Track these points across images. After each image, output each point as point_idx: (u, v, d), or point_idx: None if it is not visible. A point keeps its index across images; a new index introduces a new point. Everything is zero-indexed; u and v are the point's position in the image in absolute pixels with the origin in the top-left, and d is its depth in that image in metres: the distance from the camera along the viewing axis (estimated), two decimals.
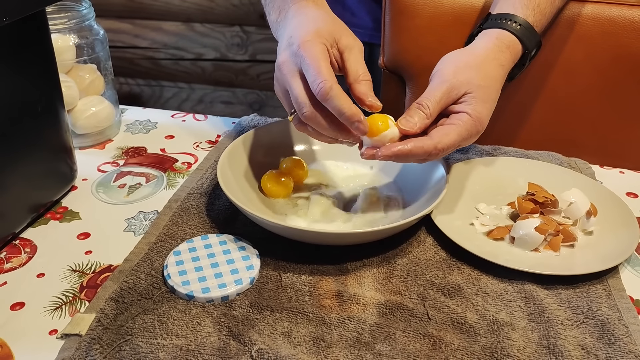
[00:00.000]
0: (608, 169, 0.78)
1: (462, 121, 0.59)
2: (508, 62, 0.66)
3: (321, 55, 0.57)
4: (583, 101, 0.84)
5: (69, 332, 0.50)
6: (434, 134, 0.58)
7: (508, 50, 0.66)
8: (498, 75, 0.64)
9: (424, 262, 0.59)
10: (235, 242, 0.60)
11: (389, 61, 0.89)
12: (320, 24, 0.60)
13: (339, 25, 0.62)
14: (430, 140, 0.58)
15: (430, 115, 0.59)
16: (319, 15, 0.62)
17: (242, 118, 0.86)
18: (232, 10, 1.75)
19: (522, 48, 0.67)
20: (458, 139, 0.58)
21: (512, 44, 0.67)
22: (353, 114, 0.56)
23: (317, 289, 0.55)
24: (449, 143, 0.58)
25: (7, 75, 0.58)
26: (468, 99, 0.60)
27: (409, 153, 0.57)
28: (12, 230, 0.62)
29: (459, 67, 0.62)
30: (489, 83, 0.62)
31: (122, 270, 0.57)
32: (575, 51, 0.81)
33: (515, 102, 0.87)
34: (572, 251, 0.61)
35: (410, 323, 0.52)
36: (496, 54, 0.65)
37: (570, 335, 0.51)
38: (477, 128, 0.60)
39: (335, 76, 0.57)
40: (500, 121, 0.88)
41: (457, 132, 0.58)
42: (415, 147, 0.57)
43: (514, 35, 0.67)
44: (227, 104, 1.92)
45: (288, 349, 0.49)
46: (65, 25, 0.76)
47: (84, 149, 0.80)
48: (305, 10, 0.64)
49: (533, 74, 0.84)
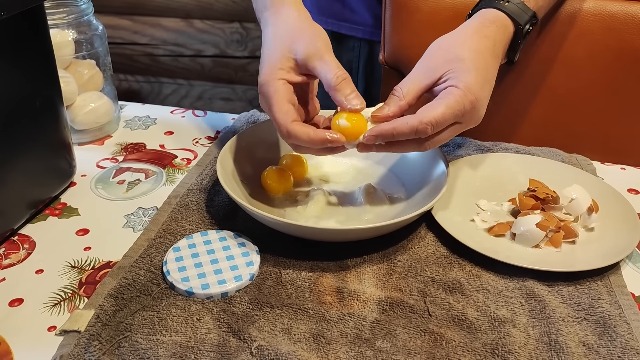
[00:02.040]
0: (609, 165, 0.78)
1: (448, 93, 0.56)
2: (495, 35, 0.63)
3: (274, 97, 0.58)
4: (584, 97, 0.84)
5: (68, 328, 0.50)
6: (419, 111, 0.57)
7: (493, 25, 0.63)
8: (482, 45, 0.61)
9: (424, 259, 0.59)
10: (235, 239, 0.60)
11: (390, 57, 0.89)
12: (277, 48, 0.60)
13: (294, 35, 0.61)
14: (415, 116, 0.56)
15: (404, 96, 0.58)
16: (278, 30, 0.62)
17: (242, 114, 0.86)
18: (231, 6, 1.75)
19: (513, 23, 0.64)
20: (448, 111, 0.55)
21: (498, 19, 0.64)
22: (319, 141, 0.57)
23: (317, 285, 0.55)
24: (436, 116, 0.55)
25: (5, 71, 0.58)
26: (450, 74, 0.58)
27: (392, 131, 0.56)
28: (10, 226, 0.62)
29: (438, 49, 0.61)
30: (473, 55, 0.59)
31: (121, 266, 0.57)
32: (576, 47, 0.81)
33: (517, 98, 0.87)
34: (573, 247, 0.61)
35: (411, 319, 0.52)
36: (479, 29, 0.63)
37: (572, 332, 0.51)
38: (470, 98, 0.56)
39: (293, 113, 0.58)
40: (501, 117, 0.88)
41: (445, 104, 0.56)
42: (398, 124, 0.56)
43: (500, 11, 0.64)
44: (227, 100, 1.92)
45: (288, 346, 0.49)
46: (64, 21, 0.76)
47: (82, 145, 0.80)
48: (270, 24, 0.64)
49: (534, 69, 0.84)
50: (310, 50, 0.59)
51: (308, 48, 0.59)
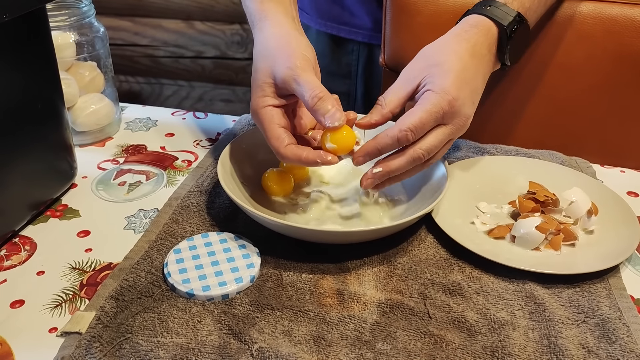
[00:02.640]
0: (609, 168, 0.78)
1: (424, 99, 0.58)
2: (476, 37, 0.63)
3: (265, 124, 0.60)
4: (584, 100, 0.84)
5: (69, 330, 0.50)
6: (398, 120, 0.58)
7: (474, 28, 0.64)
8: (460, 47, 0.62)
9: (424, 261, 0.59)
10: (236, 241, 0.60)
11: (390, 59, 0.89)
12: (258, 73, 0.61)
13: (271, 58, 0.61)
14: (394, 126, 0.57)
15: (386, 104, 0.59)
16: (259, 52, 0.63)
17: (243, 116, 0.86)
18: (232, 8, 1.75)
19: (496, 25, 0.64)
20: (424, 115, 0.56)
21: (479, 22, 0.64)
22: (314, 161, 0.58)
23: (317, 287, 0.55)
24: (413, 121, 0.56)
25: (7, 73, 0.58)
26: (427, 79, 0.59)
27: (376, 145, 0.58)
28: (12, 227, 0.62)
29: (418, 58, 0.62)
30: (448, 58, 0.60)
31: (122, 268, 0.57)
32: (576, 50, 0.81)
33: (517, 100, 0.87)
34: (573, 250, 0.61)
35: (411, 322, 0.52)
36: (458, 34, 0.63)
37: (571, 335, 0.51)
38: (447, 99, 0.57)
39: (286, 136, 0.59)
40: (501, 119, 0.88)
41: (421, 108, 0.57)
42: (379, 138, 0.58)
43: (481, 15, 0.65)
44: (227, 102, 1.92)
45: (288, 348, 0.49)
46: (65, 23, 0.76)
47: (84, 147, 0.80)
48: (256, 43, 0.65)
49: (535, 72, 0.84)
50: (285, 73, 0.59)
51: (283, 71, 0.59)
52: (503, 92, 0.86)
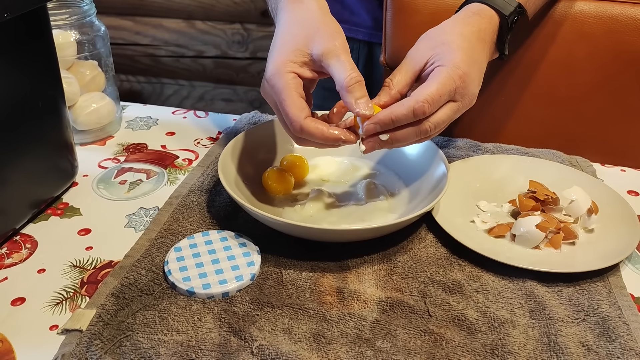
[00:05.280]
0: (609, 167, 0.78)
1: (437, 72, 0.57)
2: (480, 23, 0.63)
3: (287, 90, 0.56)
4: (585, 99, 0.84)
5: (70, 327, 0.50)
6: (413, 92, 0.57)
7: (477, 15, 0.64)
8: (466, 30, 0.62)
9: (424, 259, 0.59)
10: (236, 239, 0.60)
11: (390, 58, 0.89)
12: (291, 39, 0.59)
13: (314, 29, 0.59)
14: (410, 97, 0.56)
15: (394, 85, 0.59)
16: (295, 25, 0.61)
17: (243, 115, 0.86)
18: (232, 7, 1.75)
19: (498, 15, 0.65)
20: (440, 87, 0.56)
21: (481, 10, 0.65)
22: (332, 140, 0.57)
23: (317, 285, 0.55)
24: (431, 92, 0.55)
25: (8, 71, 0.58)
26: (435, 57, 0.59)
27: (390, 115, 0.56)
28: (12, 226, 0.62)
29: (422, 40, 0.62)
30: (455, 38, 0.60)
31: (122, 266, 0.57)
32: (577, 49, 0.81)
33: (517, 99, 0.87)
34: (573, 249, 0.61)
35: (411, 320, 0.52)
36: (462, 19, 0.64)
37: (571, 333, 0.51)
38: (458, 72, 0.57)
39: (306, 109, 0.56)
40: (500, 119, 0.88)
41: (437, 81, 0.56)
42: (395, 107, 0.56)
43: (484, 4, 0.65)
44: (228, 101, 1.92)
45: (289, 345, 0.49)
46: (66, 22, 0.76)
47: (84, 145, 0.80)
48: (286, 14, 0.63)
49: (535, 71, 0.84)
50: (328, 47, 0.58)
51: (326, 44, 0.58)
52: (503, 90, 0.86)
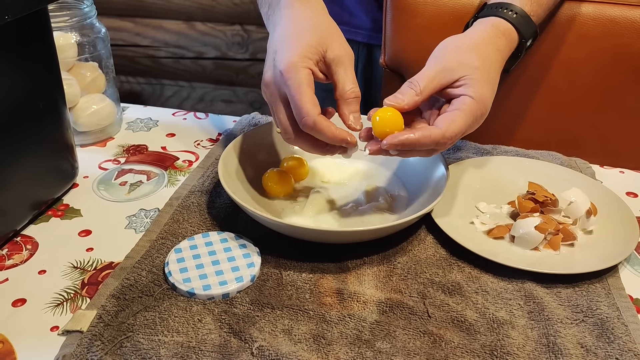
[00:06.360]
0: (608, 168, 0.78)
1: (465, 105, 0.57)
2: (505, 48, 0.64)
3: (304, 84, 0.55)
4: (584, 101, 0.84)
5: (70, 328, 0.50)
6: (439, 122, 0.56)
7: (504, 37, 0.64)
8: (495, 58, 0.62)
9: (424, 261, 0.59)
10: (236, 240, 0.60)
11: (390, 60, 0.89)
12: (306, 35, 0.58)
13: (328, 31, 0.59)
14: (438, 129, 0.55)
15: (421, 92, 0.57)
16: (307, 21, 0.60)
17: (243, 116, 0.86)
18: (233, 9, 1.75)
19: (519, 37, 0.66)
20: (464, 125, 0.56)
21: (508, 31, 0.65)
22: (340, 139, 0.56)
23: (317, 286, 0.56)
24: (457, 130, 0.55)
25: (9, 73, 0.58)
26: (467, 81, 0.58)
27: (416, 142, 0.55)
28: (13, 227, 0.62)
29: (454, 50, 0.61)
30: (487, 65, 0.60)
31: (123, 267, 0.57)
32: (576, 51, 0.81)
33: (516, 101, 0.87)
34: (572, 250, 0.61)
35: (411, 321, 0.52)
36: (492, 39, 0.64)
37: (570, 334, 0.51)
38: (482, 110, 0.58)
39: (319, 105, 0.56)
40: (500, 120, 0.88)
41: (463, 118, 0.56)
42: (422, 137, 0.55)
43: (510, 23, 0.65)
44: (228, 102, 1.93)
45: (288, 346, 0.49)
46: (67, 23, 0.76)
47: (85, 147, 0.80)
48: (293, 11, 0.61)
49: (534, 73, 0.84)
50: (341, 54, 0.58)
51: (340, 50, 0.58)
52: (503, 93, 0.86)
